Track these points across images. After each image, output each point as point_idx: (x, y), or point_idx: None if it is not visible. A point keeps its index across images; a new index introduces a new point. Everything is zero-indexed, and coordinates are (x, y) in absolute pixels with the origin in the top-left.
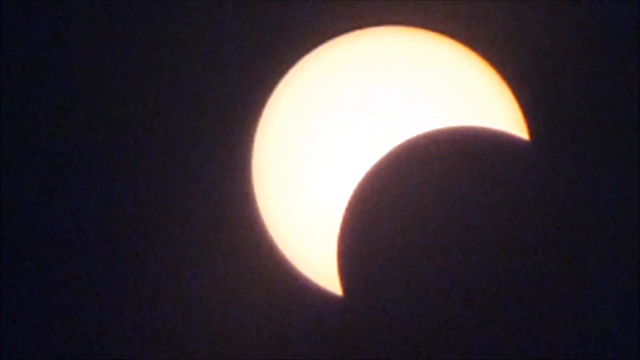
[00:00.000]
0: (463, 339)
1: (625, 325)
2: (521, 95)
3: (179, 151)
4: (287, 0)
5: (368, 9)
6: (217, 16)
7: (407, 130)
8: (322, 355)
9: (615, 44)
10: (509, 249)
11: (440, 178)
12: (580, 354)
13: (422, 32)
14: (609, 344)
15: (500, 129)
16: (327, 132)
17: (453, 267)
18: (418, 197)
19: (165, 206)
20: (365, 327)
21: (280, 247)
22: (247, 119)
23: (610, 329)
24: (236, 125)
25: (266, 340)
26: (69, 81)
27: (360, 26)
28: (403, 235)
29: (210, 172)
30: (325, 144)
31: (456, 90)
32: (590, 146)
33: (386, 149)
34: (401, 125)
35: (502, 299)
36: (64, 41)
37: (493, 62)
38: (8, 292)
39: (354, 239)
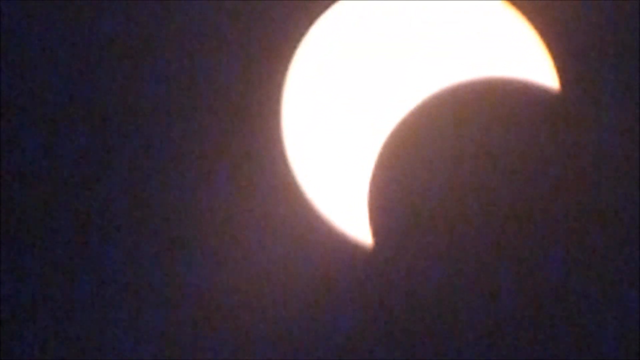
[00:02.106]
0: (493, 288)
1: None
2: (552, 45)
3: (210, 102)
4: None
5: None
6: None
7: (439, 80)
8: (351, 304)
9: None
10: (540, 196)
11: (471, 128)
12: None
13: None
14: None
15: (531, 79)
16: (358, 81)
17: (484, 217)
18: (449, 147)
19: (197, 157)
20: (394, 277)
21: (310, 197)
22: (277, 68)
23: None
24: (266, 76)
25: (295, 289)
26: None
27: None
28: (433, 185)
29: (241, 122)
30: (357, 93)
31: (487, 40)
32: (620, 95)
33: (418, 98)
34: (433, 75)
35: (533, 247)
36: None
37: (524, 12)
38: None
39: (384, 189)
